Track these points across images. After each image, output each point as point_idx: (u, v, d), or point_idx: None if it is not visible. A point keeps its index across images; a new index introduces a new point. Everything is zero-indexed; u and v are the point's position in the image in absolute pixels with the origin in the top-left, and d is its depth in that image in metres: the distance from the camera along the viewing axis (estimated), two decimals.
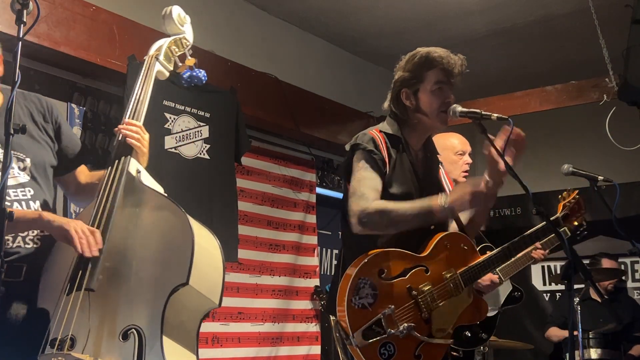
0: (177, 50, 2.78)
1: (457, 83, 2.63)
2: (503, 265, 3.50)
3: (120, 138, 2.46)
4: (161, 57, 2.70)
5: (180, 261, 2.21)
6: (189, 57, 2.79)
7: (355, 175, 2.51)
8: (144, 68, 2.66)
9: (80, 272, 2.18)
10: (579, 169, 2.92)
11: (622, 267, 6.17)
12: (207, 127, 4.33)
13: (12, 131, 1.82)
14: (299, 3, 5.12)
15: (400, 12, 5.23)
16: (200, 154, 4.28)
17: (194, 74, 2.78)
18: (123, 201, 2.34)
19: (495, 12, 5.24)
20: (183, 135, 4.21)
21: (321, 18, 5.35)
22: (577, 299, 4.37)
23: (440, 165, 2.80)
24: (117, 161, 2.41)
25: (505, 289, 3.73)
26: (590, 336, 4.75)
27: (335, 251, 5.57)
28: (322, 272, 5.36)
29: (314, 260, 5.29)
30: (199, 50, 4.41)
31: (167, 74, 2.75)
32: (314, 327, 5.18)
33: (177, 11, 2.78)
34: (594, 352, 4.69)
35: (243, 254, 4.62)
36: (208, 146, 4.32)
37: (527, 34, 5.57)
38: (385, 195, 2.52)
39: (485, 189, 2.42)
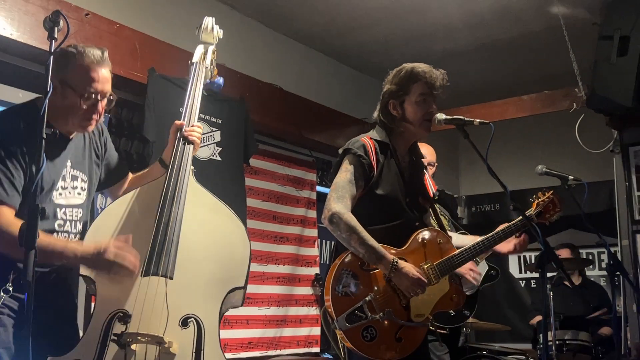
0: (213, 58, 2.71)
1: (440, 95, 2.62)
2: None
3: (182, 141, 2.39)
4: (208, 65, 2.64)
5: (240, 267, 2.26)
6: (215, 67, 2.75)
7: (341, 174, 2.51)
8: (195, 74, 2.57)
9: (155, 256, 2.12)
10: (552, 169, 2.91)
11: (590, 257, 6.18)
12: (219, 132, 4.34)
13: (44, 135, 1.82)
14: (302, 22, 5.12)
15: (392, 29, 5.24)
16: (213, 156, 4.28)
17: (218, 81, 2.78)
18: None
19: (477, 29, 5.24)
20: None
21: (322, 35, 5.36)
22: (549, 285, 4.37)
23: (424, 169, 2.80)
24: (182, 163, 2.34)
25: (482, 270, 3.72)
26: (562, 318, 4.75)
27: (333, 242, 5.56)
28: (321, 262, 5.36)
29: (314, 251, 5.30)
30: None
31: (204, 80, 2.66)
32: (314, 311, 5.18)
33: (213, 23, 2.73)
34: (565, 333, 4.69)
35: (251, 245, 4.61)
36: (220, 149, 4.32)
37: (505, 48, 5.58)
38: (372, 196, 2.52)
39: (424, 286, 2.44)
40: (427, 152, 3.63)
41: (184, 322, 2.11)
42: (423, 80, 2.57)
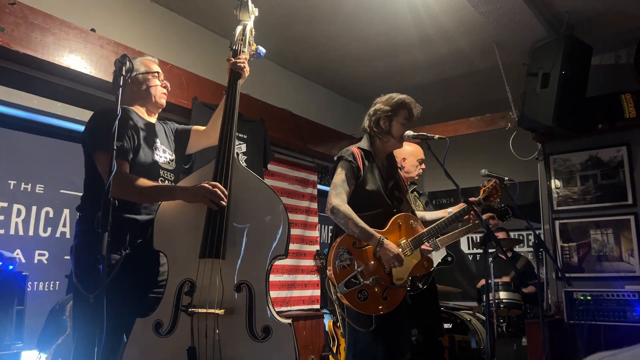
0: (251, 37, 2.34)
1: (414, 122, 2.65)
2: (442, 237, 3.48)
3: (232, 73, 2.20)
4: (248, 43, 2.30)
5: (282, 238, 2.05)
6: (253, 42, 2.36)
7: (337, 176, 2.52)
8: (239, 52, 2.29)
9: (209, 241, 1.98)
10: (492, 172, 2.92)
11: (520, 237, 6.18)
12: (245, 144, 4.33)
13: (115, 147, 1.81)
14: (307, 63, 5.12)
15: (373, 69, 5.24)
16: (241, 162, 4.27)
17: (259, 50, 2.37)
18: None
19: (437, 68, 5.24)
20: None
21: (321, 72, 5.36)
22: (490, 258, 4.37)
23: (399, 169, 2.80)
24: (234, 96, 2.23)
25: (441, 254, 3.71)
26: (500, 283, 4.75)
27: (330, 227, 5.57)
28: (321, 241, 5.36)
29: (315, 233, 5.30)
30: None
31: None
32: (315, 278, 5.18)
33: (249, 1, 2.33)
34: (502, 294, 4.70)
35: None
36: (246, 157, 4.32)
37: (457, 82, 5.57)
38: (361, 191, 2.53)
39: (401, 260, 2.43)
40: (418, 151, 3.48)
41: (238, 288, 1.97)
42: (408, 109, 2.61)
